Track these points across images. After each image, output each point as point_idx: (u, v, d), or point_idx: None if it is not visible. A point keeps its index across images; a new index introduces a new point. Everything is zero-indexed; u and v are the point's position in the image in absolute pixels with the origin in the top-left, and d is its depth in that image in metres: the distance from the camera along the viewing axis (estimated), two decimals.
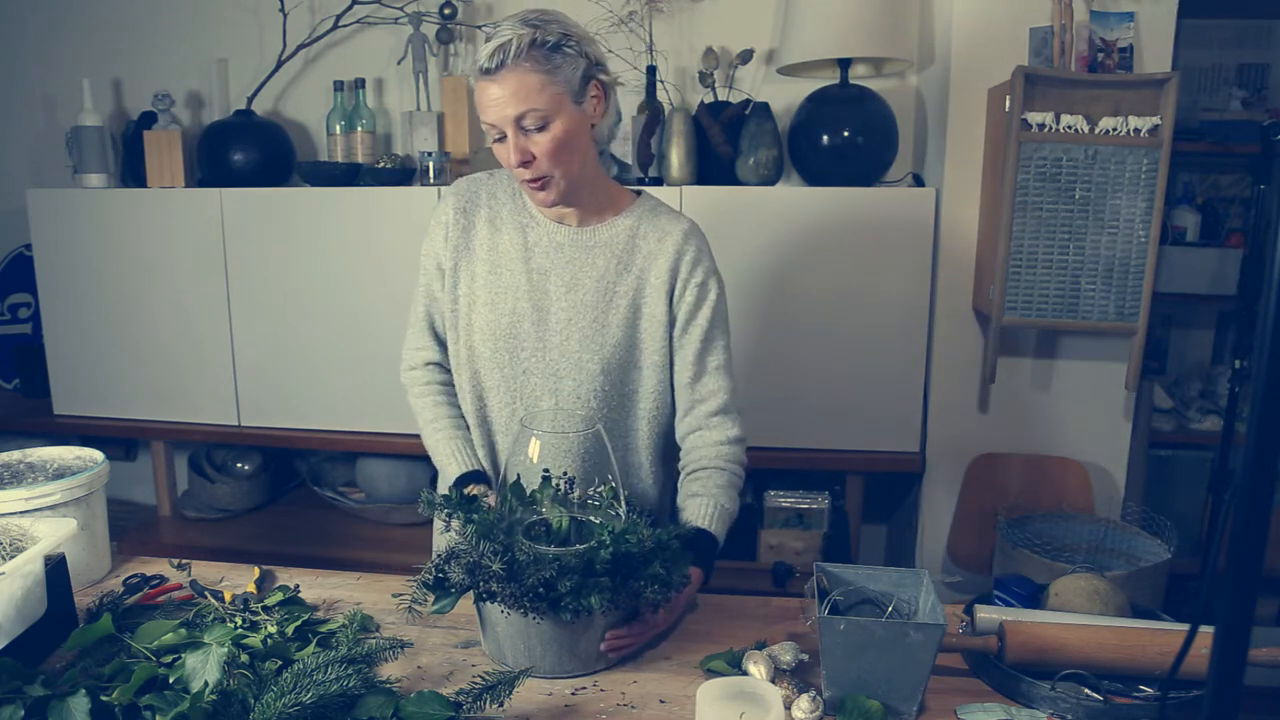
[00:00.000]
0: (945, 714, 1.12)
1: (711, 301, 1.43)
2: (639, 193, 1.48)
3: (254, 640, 1.18)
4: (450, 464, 1.44)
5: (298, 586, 1.40)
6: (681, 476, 1.45)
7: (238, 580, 1.46)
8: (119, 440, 2.94)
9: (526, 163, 1.29)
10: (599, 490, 1.26)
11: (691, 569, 1.28)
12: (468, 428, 1.48)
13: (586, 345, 1.39)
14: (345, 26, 2.64)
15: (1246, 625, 0.66)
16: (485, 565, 1.12)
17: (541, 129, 1.27)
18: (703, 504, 1.38)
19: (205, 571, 1.49)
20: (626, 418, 1.45)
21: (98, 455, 1.50)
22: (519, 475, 1.25)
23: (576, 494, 1.26)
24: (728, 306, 1.48)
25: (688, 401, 1.44)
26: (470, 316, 1.43)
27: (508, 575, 1.11)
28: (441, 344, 1.51)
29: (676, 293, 1.41)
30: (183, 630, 1.16)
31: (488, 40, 1.27)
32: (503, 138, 1.29)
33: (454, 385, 1.51)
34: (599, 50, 1.33)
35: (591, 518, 1.23)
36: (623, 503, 1.24)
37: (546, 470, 1.24)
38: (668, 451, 1.51)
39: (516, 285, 1.41)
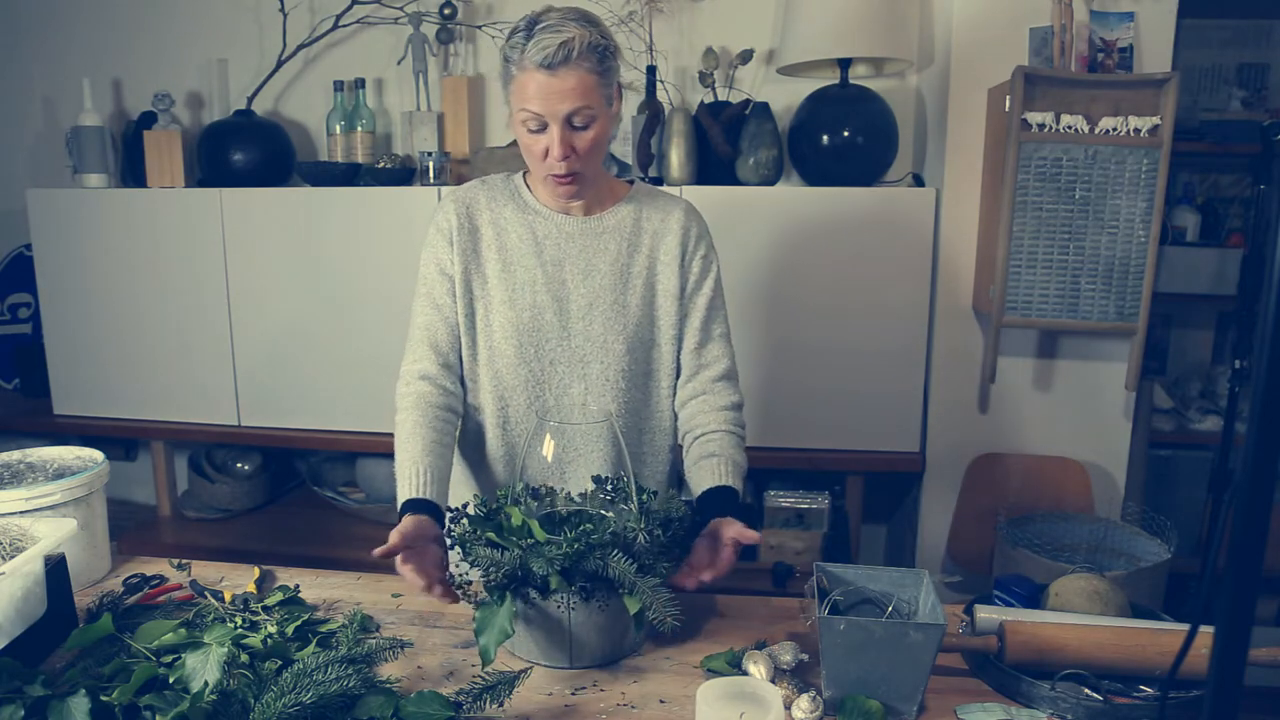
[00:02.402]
0: (945, 714, 1.12)
1: (714, 273, 1.50)
2: (631, 182, 1.52)
3: (254, 640, 1.18)
4: (404, 487, 1.33)
5: (298, 586, 1.40)
6: (689, 440, 1.47)
7: (238, 580, 1.46)
8: (119, 440, 2.94)
9: (568, 157, 1.33)
10: (606, 486, 1.28)
11: (727, 520, 1.32)
12: (445, 454, 1.39)
13: (610, 327, 1.43)
14: (345, 26, 2.64)
15: (1246, 625, 0.66)
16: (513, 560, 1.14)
17: (585, 127, 1.33)
18: (718, 463, 1.41)
19: (205, 571, 1.49)
20: (650, 396, 1.50)
21: (98, 455, 1.50)
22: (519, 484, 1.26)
23: (591, 490, 1.29)
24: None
25: (692, 366, 1.49)
26: (488, 318, 1.44)
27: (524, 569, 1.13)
28: (438, 355, 1.45)
29: (686, 263, 1.47)
30: (183, 630, 1.16)
31: (532, 31, 1.28)
32: (541, 129, 1.32)
33: (447, 404, 1.44)
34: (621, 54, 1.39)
35: (604, 511, 1.24)
36: (634, 495, 1.25)
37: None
38: None
39: (533, 279, 1.43)
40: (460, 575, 1.23)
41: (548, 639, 1.20)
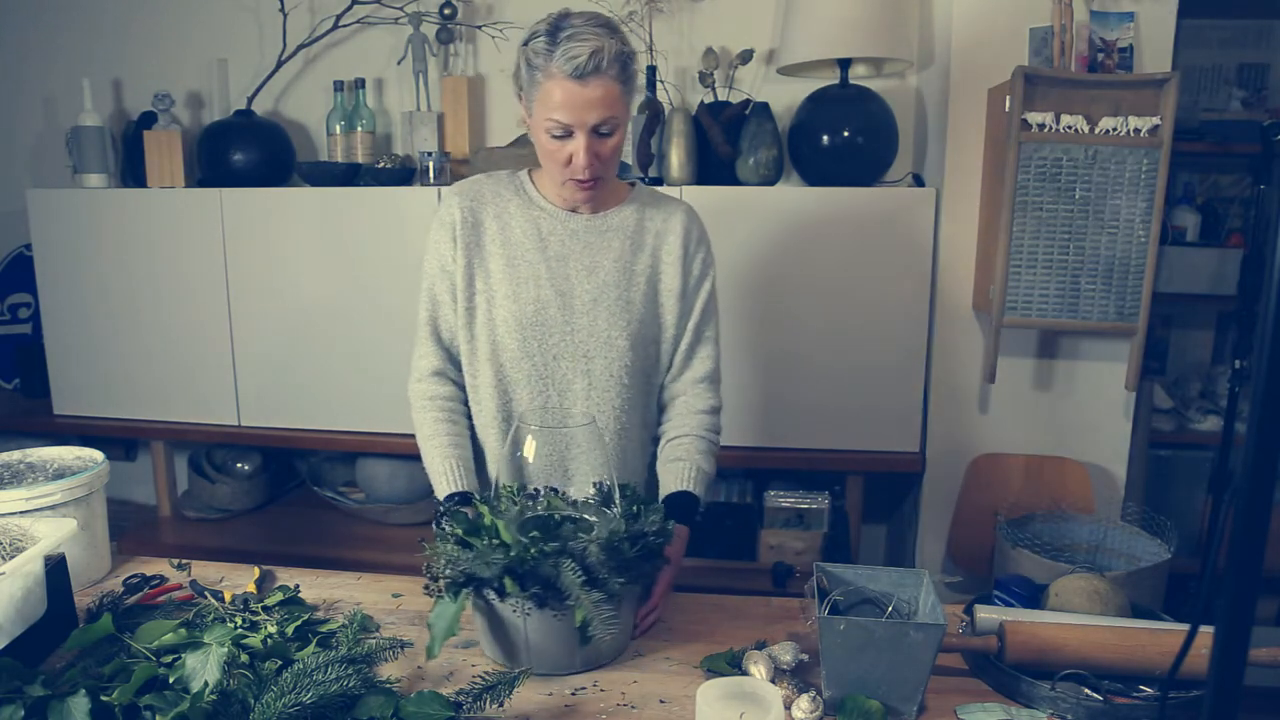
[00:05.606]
0: (945, 714, 1.12)
1: (711, 277, 1.53)
2: (633, 184, 1.54)
3: (254, 640, 1.18)
4: (441, 483, 1.42)
5: (298, 586, 1.40)
6: (663, 439, 1.53)
7: (238, 580, 1.46)
8: (119, 440, 2.94)
9: (592, 164, 1.34)
10: (595, 490, 1.28)
11: (677, 526, 1.38)
12: (467, 445, 1.47)
13: (614, 322, 1.44)
14: (345, 26, 2.64)
15: (1246, 625, 0.66)
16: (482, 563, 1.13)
17: (610, 134, 1.34)
18: (684, 468, 1.46)
19: (205, 571, 1.49)
20: (651, 392, 1.53)
21: (98, 455, 1.50)
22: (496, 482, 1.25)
23: (573, 491, 1.29)
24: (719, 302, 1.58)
25: (680, 365, 1.53)
26: (491, 312, 1.45)
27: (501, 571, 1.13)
28: (447, 350, 1.50)
29: (687, 263, 1.49)
30: (183, 630, 1.16)
31: (556, 37, 1.27)
32: (565, 135, 1.32)
33: (459, 396, 1.51)
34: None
35: (587, 515, 1.23)
36: (617, 499, 1.25)
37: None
38: None
39: (537, 274, 1.43)
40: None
41: (546, 639, 1.19)
